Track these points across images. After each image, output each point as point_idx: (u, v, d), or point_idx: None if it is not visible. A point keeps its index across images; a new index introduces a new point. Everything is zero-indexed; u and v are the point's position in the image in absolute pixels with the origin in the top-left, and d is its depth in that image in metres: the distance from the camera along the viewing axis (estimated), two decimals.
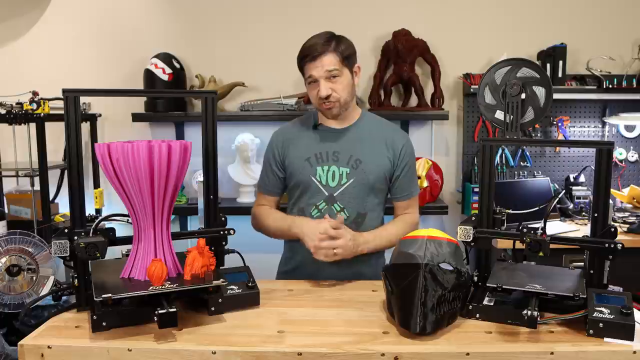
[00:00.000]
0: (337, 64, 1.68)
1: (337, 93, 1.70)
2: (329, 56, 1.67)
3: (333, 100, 1.71)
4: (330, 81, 1.69)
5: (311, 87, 1.73)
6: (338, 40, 1.71)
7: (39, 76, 3.00)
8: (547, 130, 3.12)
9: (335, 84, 1.69)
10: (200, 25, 3.09)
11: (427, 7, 3.07)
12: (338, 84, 1.70)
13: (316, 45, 1.68)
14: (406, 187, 1.82)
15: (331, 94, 1.69)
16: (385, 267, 1.34)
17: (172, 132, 3.09)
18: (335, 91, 1.70)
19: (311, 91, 1.74)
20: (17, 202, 2.83)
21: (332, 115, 1.75)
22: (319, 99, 1.71)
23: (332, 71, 1.68)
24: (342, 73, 1.70)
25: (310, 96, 1.77)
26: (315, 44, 1.69)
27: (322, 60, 1.67)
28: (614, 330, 1.15)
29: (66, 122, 1.27)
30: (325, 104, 1.72)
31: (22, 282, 1.93)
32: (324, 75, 1.68)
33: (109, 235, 1.33)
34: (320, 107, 1.75)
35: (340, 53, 1.69)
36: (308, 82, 1.73)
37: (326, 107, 1.73)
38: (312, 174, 1.76)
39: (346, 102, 1.75)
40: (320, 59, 1.67)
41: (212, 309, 1.29)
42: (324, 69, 1.67)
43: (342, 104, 1.73)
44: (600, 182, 1.29)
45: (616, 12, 3.08)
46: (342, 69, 1.70)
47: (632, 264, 2.33)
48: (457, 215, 3.12)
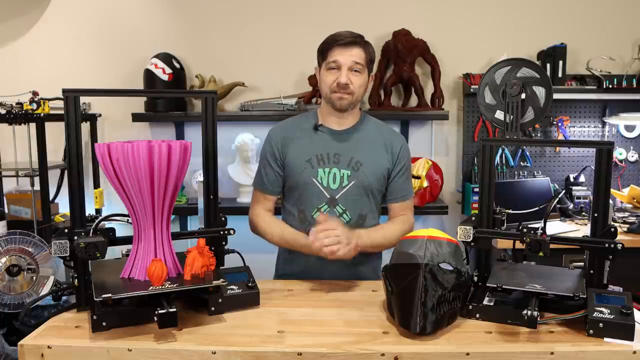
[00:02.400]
0: (363, 60, 1.72)
1: (354, 87, 1.72)
2: (360, 49, 1.72)
3: (349, 91, 1.72)
4: (352, 73, 1.71)
5: (330, 72, 1.73)
6: (368, 43, 1.77)
7: (39, 76, 3.00)
8: (547, 130, 3.12)
9: (355, 78, 1.72)
10: (200, 25, 3.09)
11: (427, 7, 3.07)
12: (357, 79, 1.72)
13: (350, 35, 1.72)
14: (401, 189, 1.82)
15: (349, 85, 1.71)
16: (385, 267, 1.34)
17: (172, 132, 3.09)
18: (353, 84, 1.71)
19: (328, 77, 1.73)
20: (17, 202, 2.83)
21: (341, 105, 1.74)
22: (335, 85, 1.71)
23: (357, 64, 1.71)
24: (363, 71, 1.73)
25: (323, 82, 1.76)
26: (350, 34, 1.73)
27: (352, 50, 1.71)
28: (614, 330, 1.15)
29: (66, 122, 1.27)
30: (339, 92, 1.72)
31: (22, 282, 1.93)
32: (349, 64, 1.70)
33: (109, 235, 1.33)
34: (332, 96, 1.74)
35: (368, 53, 1.74)
36: (328, 67, 1.73)
37: (339, 96, 1.72)
38: (313, 176, 1.76)
39: (357, 100, 1.76)
40: (352, 48, 1.71)
41: (212, 309, 1.29)
42: (352, 58, 1.70)
43: (354, 99, 1.74)
44: (600, 182, 1.29)
45: (616, 12, 3.08)
46: (364, 68, 1.74)
47: (632, 264, 2.33)
48: (457, 215, 3.12)
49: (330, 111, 1.79)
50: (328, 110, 1.80)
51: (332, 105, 1.76)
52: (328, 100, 1.76)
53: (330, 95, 1.74)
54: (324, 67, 1.74)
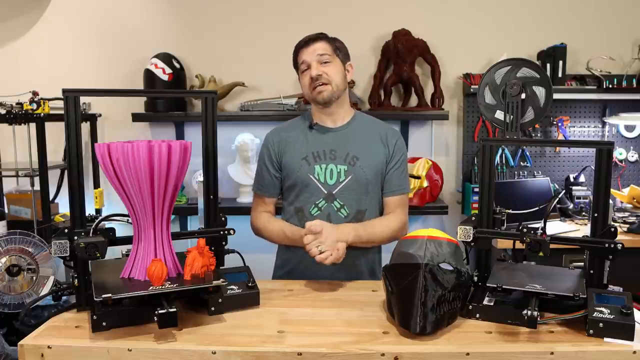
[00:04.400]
0: (328, 50, 1.77)
1: (328, 76, 1.74)
2: (322, 42, 1.77)
3: (324, 81, 1.73)
4: (322, 65, 1.75)
5: (304, 75, 1.78)
6: (332, 38, 1.81)
7: (39, 76, 3.00)
8: (547, 130, 3.12)
9: (327, 68, 1.75)
10: (200, 25, 3.09)
11: (427, 7, 3.07)
12: (329, 68, 1.75)
13: (309, 36, 1.79)
14: (397, 182, 1.81)
15: (322, 75, 1.73)
16: (385, 267, 1.34)
17: (172, 132, 3.09)
18: (326, 73, 1.74)
19: (304, 79, 1.78)
20: (17, 202, 2.83)
21: (322, 98, 1.75)
22: (310, 82, 1.75)
23: (323, 55, 1.75)
24: (333, 60, 1.77)
25: (302, 87, 1.81)
26: (309, 35, 1.80)
27: (314, 45, 1.77)
28: (614, 330, 1.15)
29: (66, 122, 1.27)
30: (316, 88, 1.74)
31: (22, 282, 1.93)
32: (315, 58, 1.75)
33: (109, 235, 1.33)
34: (312, 94, 1.77)
35: (332, 44, 1.78)
36: (301, 70, 1.79)
37: (317, 91, 1.74)
38: (310, 173, 1.76)
39: (338, 89, 1.76)
40: (313, 44, 1.77)
41: (212, 309, 1.29)
42: (316, 52, 1.75)
43: (334, 89, 1.75)
44: (600, 182, 1.29)
45: (616, 12, 3.08)
46: (334, 57, 1.77)
47: (632, 264, 2.33)
48: (457, 215, 3.12)
49: (320, 109, 1.81)
50: (318, 109, 1.82)
51: (316, 102, 1.79)
52: (312, 100, 1.80)
53: (311, 94, 1.77)
54: (299, 74, 1.81)
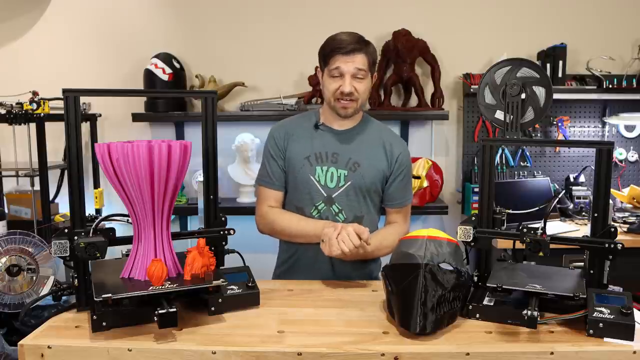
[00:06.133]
0: (366, 65, 1.69)
1: (358, 93, 1.70)
2: (362, 56, 1.68)
3: (354, 98, 1.70)
4: (355, 80, 1.69)
5: (333, 80, 1.70)
6: (369, 43, 1.73)
7: (39, 76, 3.00)
8: (547, 130, 3.12)
9: (359, 84, 1.70)
10: (200, 25, 3.09)
11: (427, 7, 3.08)
12: (361, 85, 1.70)
13: (351, 41, 1.68)
14: (399, 195, 1.81)
15: (353, 92, 1.69)
16: (385, 267, 1.34)
17: (172, 132, 3.09)
18: (357, 91, 1.70)
19: (331, 84, 1.71)
20: (17, 202, 2.83)
21: (345, 114, 1.73)
22: (339, 93, 1.70)
23: (360, 70, 1.68)
24: (366, 76, 1.71)
25: (326, 89, 1.73)
26: (350, 40, 1.68)
27: (355, 57, 1.67)
28: (614, 330, 1.15)
29: (66, 122, 1.27)
30: (343, 101, 1.70)
31: (22, 282, 1.92)
32: (352, 72, 1.68)
33: (109, 235, 1.32)
34: (335, 104, 1.72)
35: (370, 57, 1.70)
36: (331, 74, 1.70)
37: (343, 105, 1.71)
38: (311, 173, 1.75)
39: (361, 105, 1.76)
40: (354, 55, 1.67)
41: (212, 309, 1.29)
42: (355, 66, 1.67)
43: (358, 106, 1.74)
44: (600, 182, 1.29)
45: (616, 12, 3.08)
46: (368, 72, 1.71)
47: (632, 264, 2.33)
48: (457, 215, 3.12)
49: (332, 114, 1.78)
50: (330, 112, 1.79)
51: (335, 112, 1.75)
52: (331, 107, 1.75)
53: (334, 103, 1.73)
54: (327, 73, 1.72)
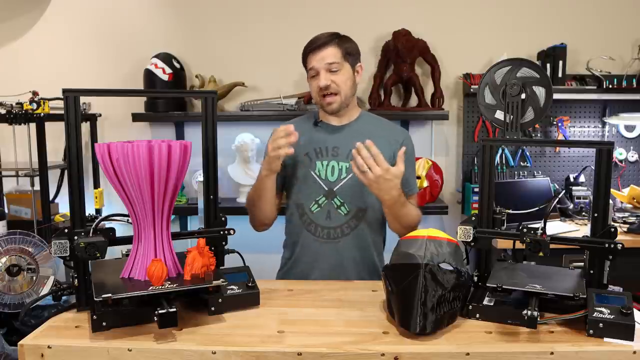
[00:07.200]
0: (338, 57, 1.72)
1: (337, 85, 1.72)
2: (331, 49, 1.72)
3: (333, 91, 1.72)
4: (331, 73, 1.72)
5: (312, 80, 1.76)
6: (342, 37, 1.76)
7: (39, 76, 3.00)
8: (547, 130, 3.12)
9: (336, 77, 1.72)
10: (200, 25, 3.09)
11: (427, 7, 3.08)
12: (338, 77, 1.72)
13: (319, 38, 1.74)
14: (405, 183, 1.81)
15: (330, 85, 1.72)
16: (385, 267, 1.34)
17: (172, 132, 3.09)
18: (335, 82, 1.72)
19: (312, 84, 1.76)
20: (17, 202, 2.83)
21: (332, 110, 1.75)
22: (318, 90, 1.73)
23: (332, 64, 1.71)
24: (342, 67, 1.73)
25: (311, 91, 1.79)
26: (319, 37, 1.74)
27: (323, 51, 1.72)
28: (614, 330, 1.15)
29: (66, 122, 1.27)
30: (325, 97, 1.73)
31: (22, 282, 1.92)
32: (324, 67, 1.71)
33: (109, 235, 1.32)
34: (320, 102, 1.76)
35: (342, 48, 1.73)
36: (310, 75, 1.76)
37: (326, 101, 1.74)
38: (311, 168, 1.77)
39: (347, 98, 1.76)
40: (322, 50, 1.72)
41: (212, 309, 1.29)
42: (325, 60, 1.71)
43: (343, 99, 1.74)
44: (600, 182, 1.29)
45: (616, 12, 3.08)
46: (343, 63, 1.73)
47: (632, 264, 2.33)
48: (457, 215, 3.12)
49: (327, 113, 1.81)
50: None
51: (324, 110, 1.79)
52: (320, 106, 1.80)
53: (320, 101, 1.77)
54: (308, 76, 1.79)
